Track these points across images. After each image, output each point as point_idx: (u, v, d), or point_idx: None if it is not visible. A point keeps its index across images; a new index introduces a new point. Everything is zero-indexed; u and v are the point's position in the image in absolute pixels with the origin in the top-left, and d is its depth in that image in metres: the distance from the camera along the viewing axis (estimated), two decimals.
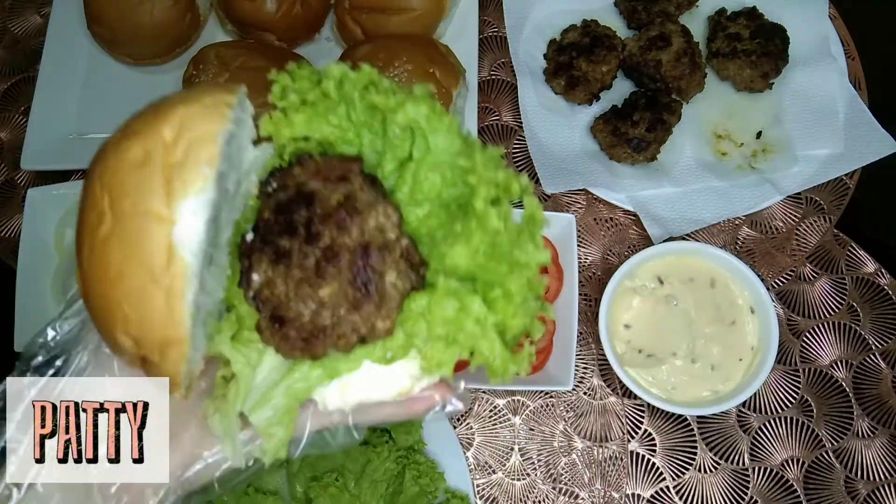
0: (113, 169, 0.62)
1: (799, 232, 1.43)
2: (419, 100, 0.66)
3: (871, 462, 1.30)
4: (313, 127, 0.69)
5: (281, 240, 0.64)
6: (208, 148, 0.61)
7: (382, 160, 0.70)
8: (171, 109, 0.63)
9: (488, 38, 1.62)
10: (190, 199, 0.60)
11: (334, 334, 0.64)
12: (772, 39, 1.45)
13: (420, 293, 0.66)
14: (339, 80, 0.68)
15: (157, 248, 0.59)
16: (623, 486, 1.29)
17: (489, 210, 0.64)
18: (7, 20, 1.71)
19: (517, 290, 0.65)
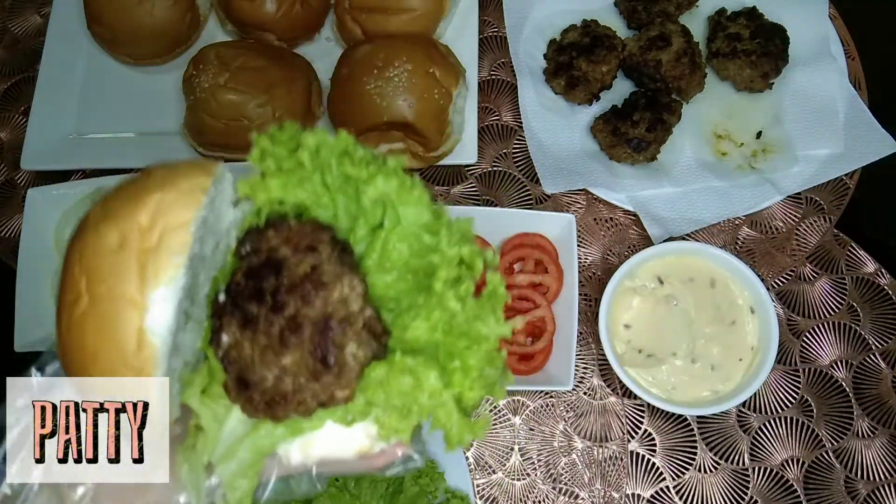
0: (91, 251, 0.66)
1: (799, 232, 1.43)
2: (390, 173, 0.69)
3: (871, 462, 1.30)
4: (288, 192, 0.72)
5: (249, 305, 0.66)
6: (181, 236, 0.64)
7: (355, 225, 0.73)
8: (148, 195, 0.66)
9: (488, 38, 1.62)
10: (161, 287, 0.63)
11: (295, 400, 0.66)
12: (772, 39, 1.45)
13: (380, 363, 0.68)
14: (314, 150, 0.71)
15: (129, 333, 0.63)
16: (623, 486, 1.29)
17: (447, 292, 0.67)
18: (7, 20, 1.71)
19: (475, 363, 0.68)
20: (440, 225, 0.70)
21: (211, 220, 0.69)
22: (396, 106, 1.32)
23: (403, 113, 1.32)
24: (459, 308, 0.68)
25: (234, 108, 1.35)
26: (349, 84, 1.35)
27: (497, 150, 1.53)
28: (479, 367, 0.69)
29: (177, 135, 1.47)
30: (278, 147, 0.73)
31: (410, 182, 0.70)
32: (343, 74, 1.37)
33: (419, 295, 0.70)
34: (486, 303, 0.69)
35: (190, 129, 1.42)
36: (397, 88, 1.32)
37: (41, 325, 1.34)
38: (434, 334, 0.69)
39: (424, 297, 0.69)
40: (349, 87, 1.35)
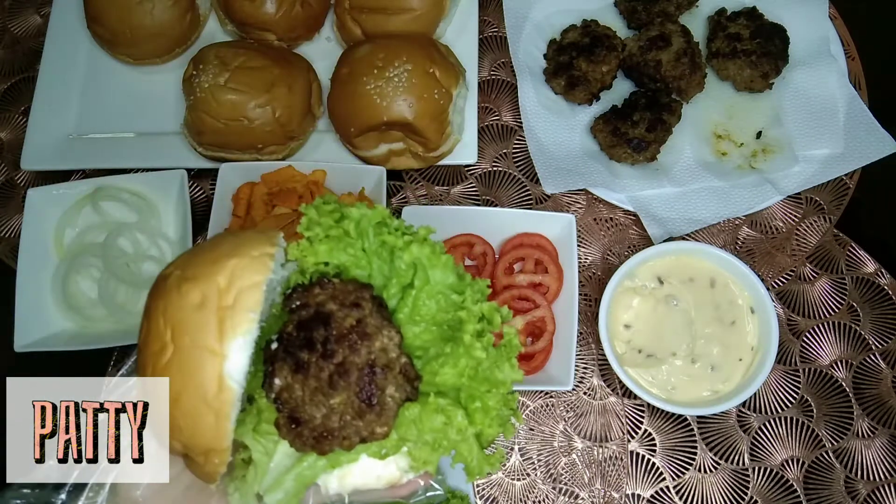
0: (175, 307, 0.76)
1: (799, 232, 1.43)
2: (422, 241, 0.83)
3: (871, 462, 1.30)
4: (333, 256, 0.85)
5: (301, 353, 0.77)
6: (254, 295, 0.76)
7: (388, 284, 0.85)
8: (224, 260, 0.78)
9: (488, 38, 1.62)
10: (238, 338, 0.74)
11: (340, 436, 0.76)
12: (772, 39, 1.45)
13: (413, 403, 0.79)
14: (357, 221, 0.84)
15: (210, 378, 0.73)
16: (623, 486, 1.29)
17: (475, 342, 0.79)
18: (7, 20, 1.71)
19: (494, 405, 0.80)
20: (465, 285, 0.83)
21: (273, 283, 0.80)
22: (396, 106, 1.32)
23: (403, 113, 1.32)
24: (484, 356, 0.79)
25: (234, 108, 1.35)
26: (349, 84, 1.35)
27: (497, 150, 1.53)
28: (497, 407, 0.80)
29: (177, 135, 1.47)
30: (324, 217, 0.84)
31: (439, 248, 0.84)
32: (343, 74, 1.37)
33: (445, 344, 0.83)
34: (503, 352, 0.82)
35: (190, 129, 1.42)
36: (397, 88, 1.32)
37: (41, 325, 1.34)
38: (461, 379, 0.81)
39: (452, 347, 0.82)
40: (349, 87, 1.35)
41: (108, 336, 1.35)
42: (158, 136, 1.50)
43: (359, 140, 1.39)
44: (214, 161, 1.43)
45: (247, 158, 1.42)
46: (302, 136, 1.45)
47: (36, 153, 1.49)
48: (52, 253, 1.40)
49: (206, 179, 1.51)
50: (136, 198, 1.40)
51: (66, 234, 1.41)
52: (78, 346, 1.32)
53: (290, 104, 1.38)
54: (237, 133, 1.37)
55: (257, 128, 1.37)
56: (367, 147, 1.40)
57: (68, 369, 1.35)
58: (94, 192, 1.40)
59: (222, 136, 1.38)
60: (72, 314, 1.36)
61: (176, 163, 1.44)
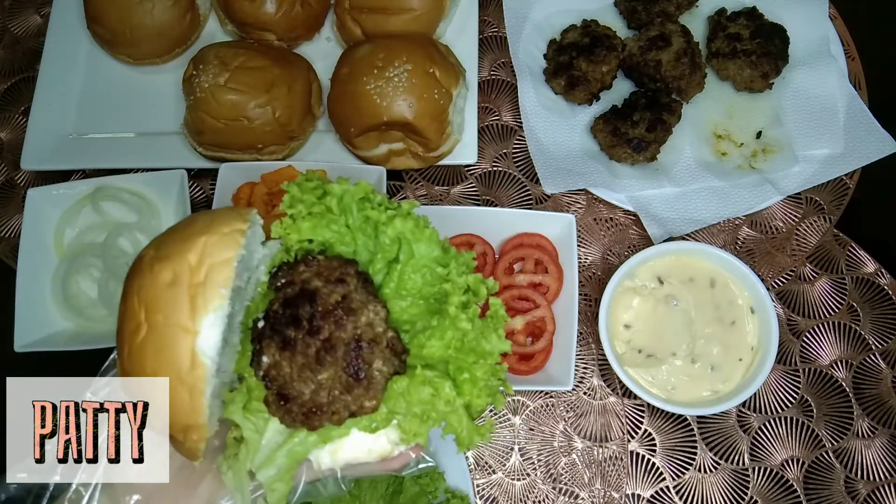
0: (149, 286, 0.77)
1: (799, 232, 1.43)
2: (405, 215, 0.82)
3: (871, 462, 1.30)
4: (317, 233, 0.85)
5: (287, 330, 0.77)
6: (225, 271, 0.76)
7: (374, 259, 0.85)
8: (195, 238, 0.78)
9: (488, 38, 1.62)
10: (209, 314, 0.75)
11: (329, 411, 0.77)
12: (772, 39, 1.45)
13: (401, 377, 0.80)
14: (339, 197, 0.84)
15: (184, 355, 0.74)
16: (623, 486, 1.29)
17: (460, 314, 0.80)
18: (7, 20, 1.71)
19: (482, 375, 0.81)
20: (449, 258, 0.83)
21: (246, 258, 0.80)
22: (396, 106, 1.32)
23: (403, 113, 1.32)
24: (470, 328, 0.80)
25: (234, 108, 1.35)
26: (349, 84, 1.35)
27: (497, 150, 1.53)
28: (485, 378, 0.81)
29: (177, 135, 1.47)
30: (307, 194, 0.84)
31: (423, 222, 0.83)
32: (343, 74, 1.37)
33: (431, 318, 0.83)
34: (489, 323, 0.82)
35: (190, 129, 1.42)
36: (397, 88, 1.32)
37: (41, 325, 1.34)
38: (447, 351, 0.82)
39: (438, 320, 0.82)
40: (349, 87, 1.35)
41: (108, 336, 1.33)
42: (158, 136, 1.50)
43: (359, 140, 1.39)
44: (214, 161, 1.43)
45: (247, 158, 1.42)
46: (302, 136, 1.45)
47: (36, 153, 1.49)
48: (52, 253, 1.40)
49: (206, 179, 1.51)
50: (136, 198, 1.40)
51: (66, 234, 1.41)
52: (78, 346, 1.32)
53: (290, 104, 1.38)
54: (237, 133, 1.37)
55: (257, 128, 1.37)
56: (367, 147, 1.40)
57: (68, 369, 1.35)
58: (94, 192, 1.40)
59: (222, 136, 1.38)
60: (72, 314, 1.36)
61: (176, 163, 1.44)
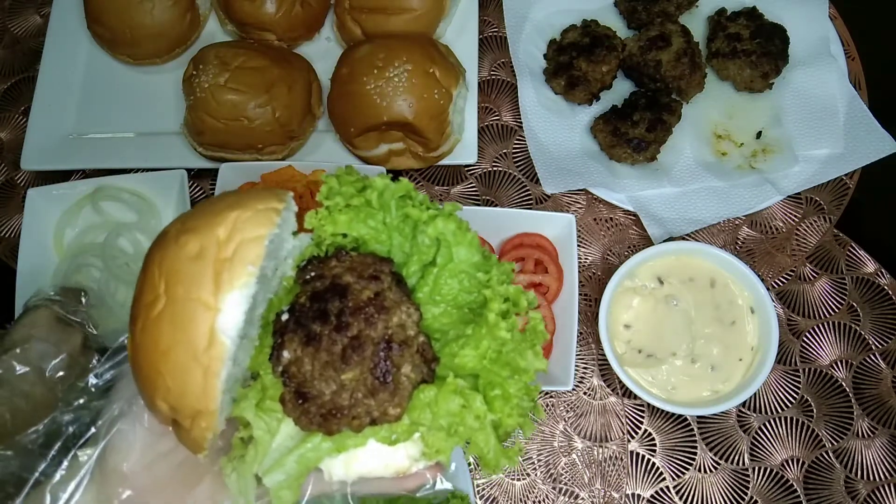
0: (172, 258, 0.72)
1: (799, 232, 1.43)
2: (447, 216, 0.78)
3: (871, 462, 1.30)
4: (353, 227, 0.80)
5: (313, 324, 0.72)
6: (255, 249, 0.71)
7: (409, 261, 0.80)
8: (226, 212, 0.73)
9: (488, 38, 1.62)
10: (234, 292, 0.70)
11: (350, 415, 0.72)
12: (772, 39, 1.45)
13: (429, 386, 0.74)
14: (381, 191, 0.79)
15: (202, 332, 0.69)
16: (623, 486, 1.29)
17: (500, 322, 0.74)
18: (7, 20, 1.71)
19: (515, 392, 0.75)
20: (490, 265, 0.79)
21: (276, 242, 0.75)
22: (396, 106, 1.32)
23: (403, 113, 1.32)
24: (509, 337, 0.74)
25: (234, 108, 1.35)
26: (349, 84, 1.35)
27: (497, 150, 1.53)
28: (519, 396, 0.75)
29: (177, 135, 1.47)
30: (346, 186, 0.79)
31: (465, 225, 0.78)
32: (343, 74, 1.37)
33: (465, 327, 0.77)
34: (528, 338, 0.76)
35: (190, 128, 1.42)
36: (397, 88, 1.32)
37: None
38: (482, 362, 0.76)
39: (473, 328, 0.76)
40: (349, 87, 1.35)
41: (108, 336, 1.34)
42: (158, 136, 1.50)
43: (359, 140, 1.39)
44: (214, 161, 1.43)
45: (247, 158, 1.42)
46: (302, 136, 1.45)
47: (36, 153, 1.49)
48: (52, 253, 1.40)
49: (206, 179, 1.51)
50: (136, 198, 1.40)
51: (66, 234, 1.41)
52: None
53: (290, 104, 1.38)
54: (237, 133, 1.37)
55: (257, 128, 1.37)
56: (367, 147, 1.40)
57: None
58: (94, 192, 1.40)
59: (222, 136, 1.38)
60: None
61: (176, 163, 1.44)
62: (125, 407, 0.81)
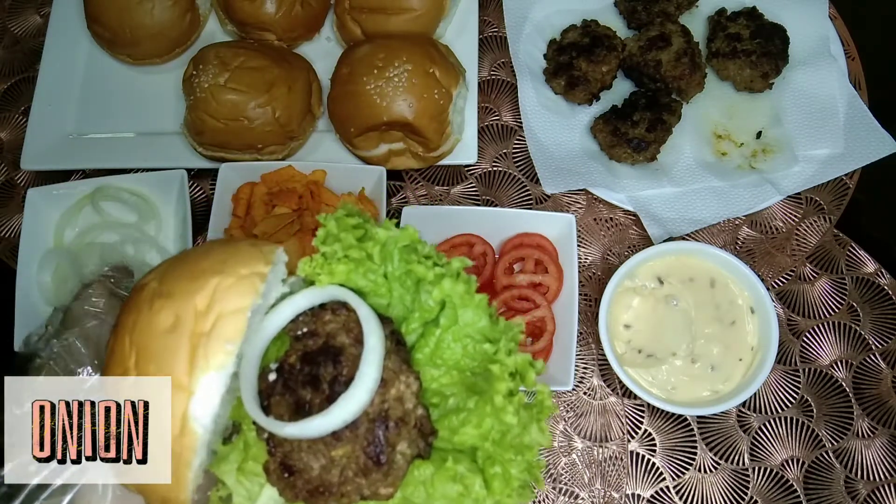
0: (144, 326, 0.65)
1: (799, 232, 1.43)
2: (456, 277, 0.71)
3: (871, 462, 1.30)
4: (351, 279, 0.73)
5: (303, 391, 0.66)
6: (235, 323, 0.64)
7: (409, 317, 0.74)
8: (207, 278, 0.66)
9: (488, 38, 1.62)
10: (210, 373, 0.63)
11: (339, 492, 0.66)
12: (772, 39, 1.45)
13: (425, 462, 0.68)
14: (383, 244, 0.72)
15: (173, 417, 0.62)
16: (623, 486, 1.29)
17: (507, 405, 0.67)
18: (7, 20, 1.71)
19: (517, 474, 0.69)
20: (498, 332, 0.71)
21: (262, 306, 0.69)
22: (396, 106, 1.32)
23: (403, 113, 1.32)
24: (515, 422, 0.68)
25: (234, 108, 1.35)
26: (349, 84, 1.35)
27: (497, 150, 1.53)
28: (521, 477, 0.70)
29: (177, 135, 1.47)
30: (345, 233, 0.73)
31: (473, 285, 0.72)
32: (343, 74, 1.37)
33: (468, 395, 0.71)
34: (533, 413, 0.71)
35: (190, 128, 1.42)
36: (397, 88, 1.32)
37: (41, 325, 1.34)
38: (484, 443, 0.70)
39: (477, 403, 0.70)
40: (349, 87, 1.35)
41: None
42: (158, 136, 1.50)
43: (359, 140, 1.39)
44: (214, 161, 1.43)
45: (247, 158, 1.42)
46: (302, 136, 1.45)
47: (36, 153, 1.49)
48: None
49: (206, 179, 1.51)
50: (136, 198, 1.40)
51: (66, 234, 1.41)
52: None
53: (290, 104, 1.38)
54: (237, 133, 1.37)
55: (257, 128, 1.37)
56: (367, 147, 1.40)
57: None
58: (94, 192, 1.40)
59: (222, 136, 1.38)
60: None
61: (176, 163, 1.44)
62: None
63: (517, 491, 0.70)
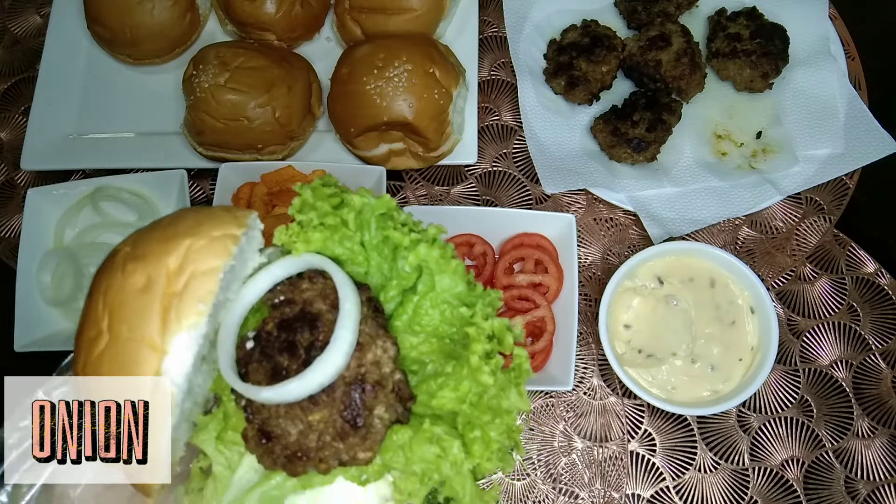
0: (117, 288, 0.65)
1: (799, 232, 1.43)
2: (432, 242, 0.71)
3: (871, 462, 1.30)
4: (327, 247, 0.73)
5: (280, 357, 0.66)
6: (208, 283, 0.64)
7: (387, 285, 0.74)
8: (179, 239, 0.66)
9: (488, 38, 1.62)
10: (182, 332, 0.63)
11: (316, 457, 0.66)
12: (772, 39, 1.45)
13: (403, 427, 0.69)
14: (358, 210, 0.72)
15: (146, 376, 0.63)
16: (623, 486, 1.29)
17: (482, 366, 0.68)
18: (7, 20, 1.71)
19: (496, 436, 0.69)
20: (475, 297, 0.71)
21: (237, 268, 0.69)
22: (396, 106, 1.32)
23: (403, 113, 1.32)
24: (492, 382, 0.69)
25: (234, 108, 1.35)
26: (349, 84, 1.35)
27: (497, 150, 1.53)
28: (500, 440, 0.70)
29: (177, 135, 1.47)
30: (321, 201, 0.73)
31: (450, 252, 0.72)
32: (343, 74, 1.37)
33: (446, 361, 0.72)
34: (511, 377, 0.71)
35: (190, 128, 1.42)
36: (397, 88, 1.32)
37: (41, 325, 1.34)
38: (461, 405, 0.70)
39: (454, 367, 0.71)
40: (349, 87, 1.35)
41: None
42: (158, 136, 1.50)
43: (359, 140, 1.39)
44: (214, 161, 1.43)
45: (247, 158, 1.42)
46: (302, 136, 1.45)
47: (36, 153, 1.49)
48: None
49: (206, 179, 1.51)
50: (136, 198, 1.41)
51: (66, 234, 1.41)
52: None
53: (290, 104, 1.38)
54: (237, 133, 1.37)
55: (257, 128, 1.37)
56: (367, 147, 1.40)
57: None
58: (94, 192, 1.40)
59: (222, 136, 1.38)
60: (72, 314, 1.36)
61: (176, 163, 1.44)
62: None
63: (497, 454, 0.71)
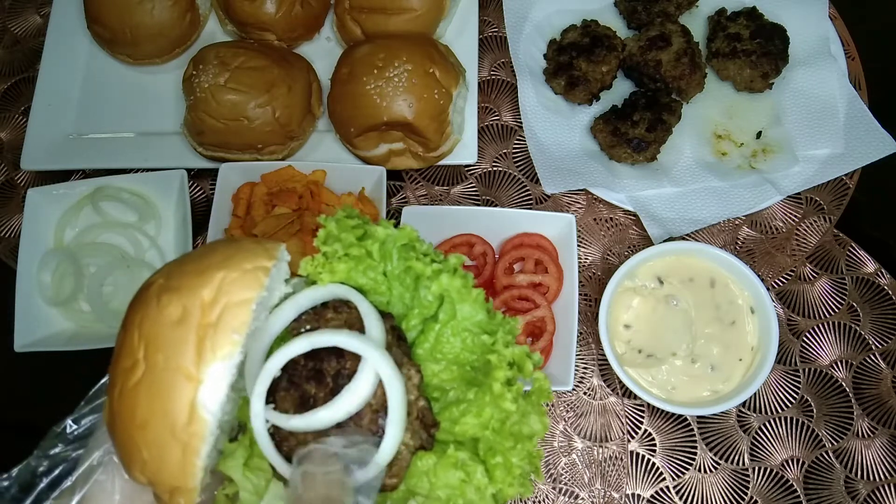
0: (152, 320, 0.68)
1: (799, 232, 1.43)
2: (453, 272, 0.73)
3: (871, 462, 1.30)
4: (352, 277, 0.75)
5: (307, 385, 0.68)
6: (241, 314, 0.67)
7: (409, 314, 0.76)
8: (212, 272, 0.69)
9: (488, 38, 1.62)
10: (217, 362, 0.66)
11: None
12: (772, 39, 1.45)
13: (428, 453, 0.70)
14: (382, 241, 0.75)
15: (181, 405, 0.65)
16: (623, 486, 1.29)
17: (504, 393, 0.70)
18: (7, 20, 1.71)
19: (518, 462, 0.71)
20: (495, 325, 0.73)
21: (266, 298, 0.71)
22: (396, 106, 1.32)
23: (403, 113, 1.32)
24: (514, 409, 0.70)
25: (234, 108, 1.35)
26: (349, 84, 1.35)
27: (497, 150, 1.53)
28: (521, 465, 0.71)
29: (177, 135, 1.47)
30: (345, 233, 0.75)
31: (470, 281, 0.74)
32: (343, 74, 1.37)
33: (468, 388, 0.73)
34: (532, 401, 0.73)
35: (190, 128, 1.42)
36: (397, 88, 1.32)
37: (41, 325, 1.34)
38: (484, 431, 0.72)
39: (476, 393, 0.72)
40: (349, 87, 1.35)
41: (108, 336, 1.34)
42: (158, 136, 1.50)
43: (359, 140, 1.39)
44: (214, 161, 1.43)
45: (247, 158, 1.42)
46: (302, 136, 1.45)
47: (36, 153, 1.49)
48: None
49: (206, 179, 1.51)
50: (136, 198, 1.41)
51: (66, 234, 1.41)
52: (77, 346, 1.32)
53: (290, 104, 1.38)
54: (237, 133, 1.37)
55: (257, 128, 1.37)
56: (367, 147, 1.40)
57: (68, 369, 1.35)
58: (94, 192, 1.40)
59: (222, 136, 1.38)
60: (72, 314, 1.36)
61: (176, 163, 1.44)
62: (104, 457, 0.76)
63: (518, 480, 0.72)
